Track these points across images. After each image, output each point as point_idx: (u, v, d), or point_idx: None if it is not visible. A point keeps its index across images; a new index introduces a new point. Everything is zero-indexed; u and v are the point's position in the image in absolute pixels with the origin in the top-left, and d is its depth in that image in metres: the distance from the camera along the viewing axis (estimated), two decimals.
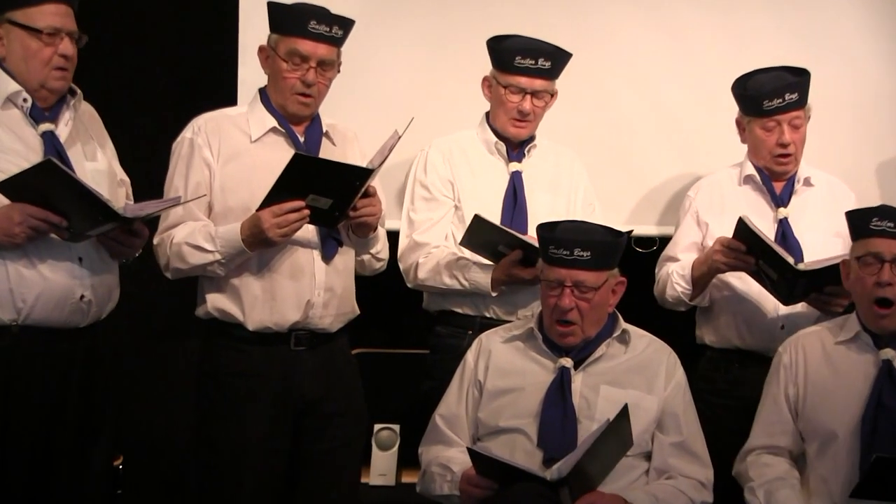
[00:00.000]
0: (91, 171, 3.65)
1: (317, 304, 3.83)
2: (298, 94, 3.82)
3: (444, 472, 3.70)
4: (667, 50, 4.80)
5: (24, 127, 3.60)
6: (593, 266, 3.68)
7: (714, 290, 4.24)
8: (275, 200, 3.66)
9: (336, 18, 3.81)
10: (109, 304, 3.74)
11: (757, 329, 4.19)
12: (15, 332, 3.55)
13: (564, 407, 3.68)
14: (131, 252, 3.72)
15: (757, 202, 4.27)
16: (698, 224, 4.29)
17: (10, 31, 3.58)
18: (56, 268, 3.57)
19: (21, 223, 3.46)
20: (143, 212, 3.62)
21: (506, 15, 4.62)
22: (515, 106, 4.15)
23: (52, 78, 3.60)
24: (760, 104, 4.17)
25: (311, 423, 3.86)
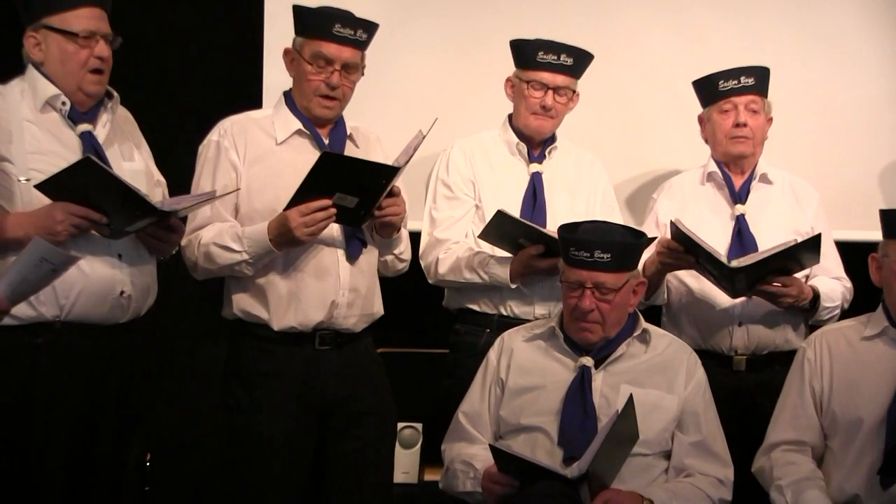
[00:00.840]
0: (129, 171, 3.71)
1: (341, 304, 3.87)
2: (322, 97, 3.85)
3: (467, 469, 3.73)
4: (686, 52, 4.84)
5: (62, 129, 3.66)
6: (614, 268, 3.71)
7: (672, 289, 4.31)
8: (302, 199, 3.70)
9: (360, 22, 3.84)
10: (148, 300, 3.79)
11: (715, 328, 4.25)
12: (58, 328, 3.61)
13: (584, 405, 3.71)
14: (169, 248, 3.77)
15: (716, 200, 4.34)
16: (657, 225, 4.36)
17: (46, 36, 3.64)
18: (97, 264, 3.63)
19: (63, 221, 3.52)
20: (179, 205, 3.68)
21: (527, 18, 4.68)
22: (538, 101, 4.19)
23: (89, 82, 3.66)
24: (716, 86, 4.27)
25: (338, 422, 3.90)
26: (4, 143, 3.60)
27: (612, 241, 3.73)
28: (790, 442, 3.80)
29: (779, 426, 3.84)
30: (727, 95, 4.27)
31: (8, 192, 3.59)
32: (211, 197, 3.78)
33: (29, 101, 3.66)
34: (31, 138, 3.62)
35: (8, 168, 3.59)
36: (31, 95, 3.66)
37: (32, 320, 3.58)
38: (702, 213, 4.30)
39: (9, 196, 3.59)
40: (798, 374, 3.86)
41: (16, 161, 3.60)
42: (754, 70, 4.28)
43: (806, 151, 4.78)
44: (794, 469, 3.75)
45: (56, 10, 3.61)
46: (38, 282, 3.34)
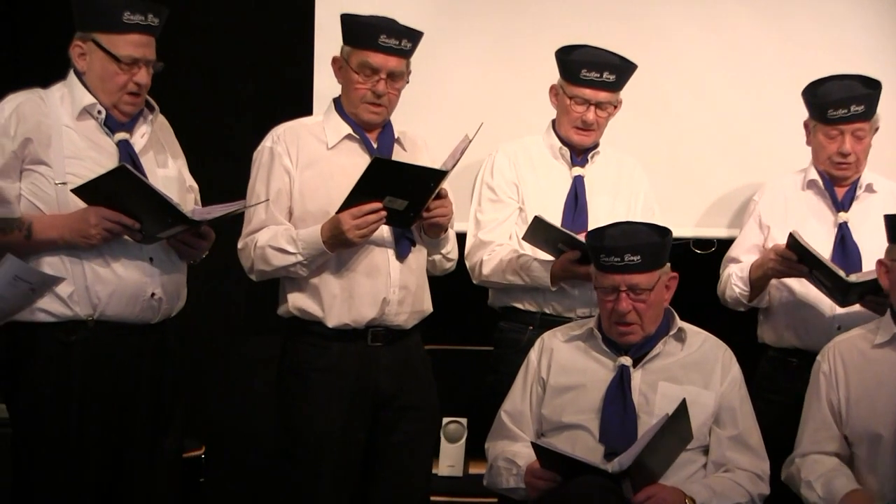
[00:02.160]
0: (162, 178, 3.77)
1: (392, 302, 3.94)
2: (369, 104, 3.93)
3: (510, 466, 3.79)
4: (726, 57, 4.88)
5: (99, 136, 3.73)
6: (645, 268, 3.75)
7: (773, 291, 4.30)
8: (354, 203, 3.78)
9: (405, 31, 3.91)
10: (179, 303, 3.85)
11: (814, 330, 4.23)
12: (91, 327, 3.68)
13: (624, 403, 3.76)
14: (198, 254, 3.83)
15: (818, 206, 4.32)
16: (760, 227, 4.36)
17: (93, 51, 3.68)
18: (129, 267, 3.70)
19: (96, 225, 3.59)
20: (209, 215, 3.74)
21: (569, 25, 4.71)
22: (579, 116, 4.25)
23: (124, 102, 3.71)
24: (825, 112, 4.21)
25: (387, 415, 3.98)
26: (43, 147, 3.65)
27: (640, 242, 3.76)
28: (813, 453, 3.83)
29: (803, 441, 3.86)
30: (835, 124, 4.22)
31: (44, 194, 3.66)
32: (241, 206, 3.85)
33: (68, 108, 3.72)
34: (69, 143, 3.69)
35: (45, 171, 3.66)
36: (70, 102, 3.72)
37: (67, 318, 3.66)
38: (804, 219, 4.27)
39: (45, 198, 3.66)
40: (815, 388, 3.87)
41: (53, 165, 3.66)
42: (866, 99, 4.20)
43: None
44: (821, 465, 3.78)
45: (106, 30, 3.66)
46: (17, 301, 3.36)
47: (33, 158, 3.66)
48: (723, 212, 4.83)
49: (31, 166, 3.67)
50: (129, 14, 3.65)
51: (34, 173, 3.67)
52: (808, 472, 3.78)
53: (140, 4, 3.67)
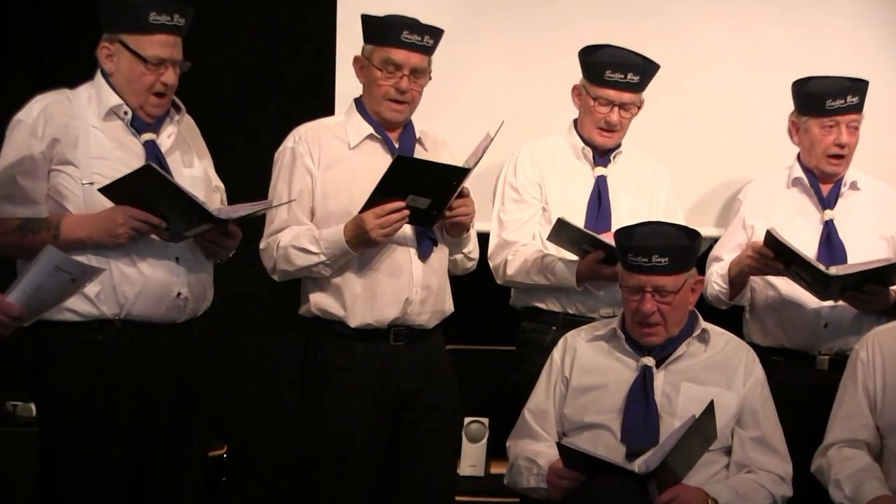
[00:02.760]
0: (188, 178, 3.78)
1: (415, 302, 3.96)
2: (392, 101, 3.94)
3: (531, 465, 3.79)
4: (747, 55, 4.87)
5: (126, 136, 3.75)
6: (671, 270, 3.75)
7: (758, 290, 4.33)
8: (377, 202, 3.80)
9: (427, 28, 3.93)
10: (205, 303, 3.87)
11: (801, 328, 4.26)
12: (118, 326, 3.70)
13: (647, 404, 3.76)
14: (225, 253, 3.84)
15: (804, 204, 4.35)
16: (744, 226, 4.38)
17: (120, 52, 3.71)
18: (155, 266, 3.72)
19: (124, 224, 3.61)
20: (235, 214, 3.75)
21: (592, 24, 4.71)
22: (603, 117, 4.25)
23: (151, 104, 3.73)
24: (823, 103, 4.23)
25: (409, 415, 3.99)
26: (70, 148, 3.68)
27: (668, 244, 3.76)
28: (846, 440, 3.82)
29: (834, 427, 3.86)
30: (832, 114, 4.25)
31: (71, 194, 3.69)
32: (267, 206, 3.87)
33: (94, 108, 3.74)
34: (95, 144, 3.71)
35: (72, 171, 3.68)
36: (97, 102, 3.74)
37: (94, 317, 3.68)
38: (789, 217, 4.30)
39: (72, 198, 3.69)
40: (852, 375, 3.88)
41: (80, 165, 3.68)
42: (859, 90, 4.25)
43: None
44: (851, 463, 3.77)
45: (133, 31, 3.68)
46: (59, 291, 3.36)
47: (60, 159, 3.68)
48: None
49: (59, 167, 3.69)
50: (156, 15, 3.68)
51: (61, 174, 3.69)
52: (839, 469, 3.77)
53: (166, 5, 3.69)
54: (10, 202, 3.67)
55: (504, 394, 4.30)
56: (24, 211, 3.66)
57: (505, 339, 4.47)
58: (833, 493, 3.75)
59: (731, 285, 4.29)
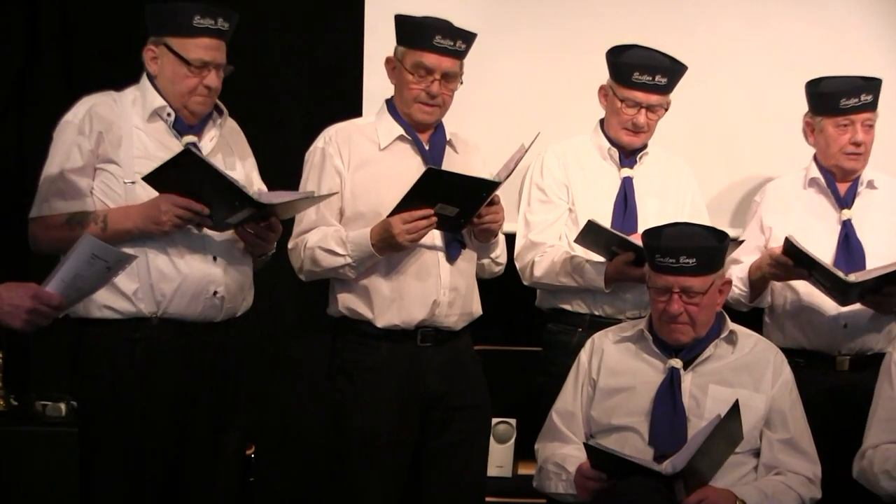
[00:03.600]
0: None
1: (442, 304, 3.96)
2: (422, 104, 3.95)
3: (559, 471, 3.79)
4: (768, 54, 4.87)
5: (168, 138, 3.78)
6: (699, 271, 3.74)
7: (777, 292, 4.32)
8: (405, 208, 3.81)
9: (460, 33, 3.93)
10: (244, 304, 3.89)
11: (821, 329, 4.25)
12: (155, 324, 3.73)
13: (675, 406, 3.76)
14: (267, 245, 3.86)
15: (821, 204, 4.34)
16: (762, 229, 4.37)
17: (164, 54, 3.75)
18: (193, 264, 3.74)
19: (167, 212, 3.65)
20: (276, 199, 3.77)
21: (620, 25, 4.71)
22: (630, 119, 4.24)
23: (194, 102, 3.77)
24: (837, 102, 4.24)
25: (437, 416, 3.99)
26: (114, 147, 3.73)
27: (696, 245, 3.75)
28: (885, 443, 3.81)
29: (872, 431, 3.84)
30: (847, 113, 4.25)
31: (113, 192, 3.73)
32: (308, 195, 3.88)
33: (139, 110, 3.79)
34: (138, 143, 3.76)
35: (115, 170, 3.73)
36: (142, 104, 3.79)
37: (131, 315, 3.72)
38: (806, 218, 4.31)
39: (114, 196, 3.73)
40: (887, 377, 3.87)
41: (123, 164, 3.73)
42: (872, 89, 4.26)
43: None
44: (893, 452, 3.75)
45: (177, 34, 3.72)
46: (95, 280, 3.37)
47: (104, 157, 3.74)
48: None
49: (103, 165, 3.74)
50: (200, 18, 3.71)
51: (105, 172, 3.74)
52: (883, 459, 3.75)
53: (210, 9, 3.73)
54: (60, 197, 3.72)
55: (532, 395, 4.30)
56: (73, 205, 3.72)
57: (533, 340, 4.47)
58: (886, 486, 3.73)
59: (751, 288, 4.29)
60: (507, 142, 3.90)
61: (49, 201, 3.73)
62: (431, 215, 3.82)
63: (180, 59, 3.73)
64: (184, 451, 3.79)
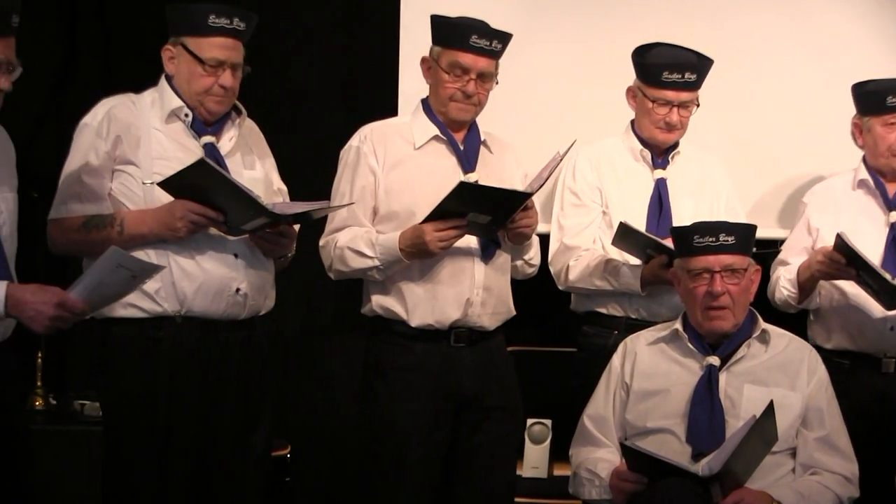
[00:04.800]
0: (248, 179, 3.79)
1: (476, 304, 3.96)
2: (458, 102, 3.96)
3: (592, 477, 3.79)
4: (809, 52, 4.85)
5: (187, 138, 3.78)
6: (738, 250, 3.78)
7: (824, 292, 4.29)
8: (437, 217, 3.82)
9: (496, 33, 3.94)
10: (266, 302, 3.88)
11: (867, 331, 4.22)
12: (178, 323, 3.72)
13: (712, 403, 3.75)
14: (281, 250, 3.86)
15: (869, 206, 4.31)
16: (809, 230, 4.34)
17: (180, 54, 3.75)
18: (214, 262, 3.74)
19: (182, 218, 3.64)
20: (290, 210, 3.77)
21: (652, 24, 4.68)
22: (662, 118, 4.24)
23: (211, 102, 3.77)
24: (884, 100, 4.22)
25: (470, 416, 3.99)
26: (132, 148, 3.72)
27: (733, 224, 3.81)
28: None
29: None
30: (894, 110, 4.22)
31: (132, 193, 3.72)
32: (324, 206, 3.88)
33: (157, 111, 3.78)
34: (157, 145, 3.75)
35: (133, 171, 3.73)
36: (160, 105, 3.79)
37: (156, 314, 3.71)
38: (855, 220, 4.28)
39: (133, 198, 3.72)
40: None
41: (142, 165, 3.72)
42: None
43: None
44: None
45: (193, 33, 3.73)
46: (119, 288, 3.41)
47: (123, 159, 3.73)
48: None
49: (121, 166, 3.74)
50: (215, 18, 3.71)
51: (123, 173, 3.74)
52: None
53: (226, 9, 3.73)
54: (78, 200, 3.72)
55: (567, 397, 4.28)
56: (90, 208, 3.71)
57: (568, 341, 4.46)
58: None
59: (800, 290, 4.27)
60: (540, 140, 3.93)
61: (67, 203, 3.73)
62: (464, 225, 3.83)
63: (195, 58, 3.73)
64: (210, 449, 3.79)
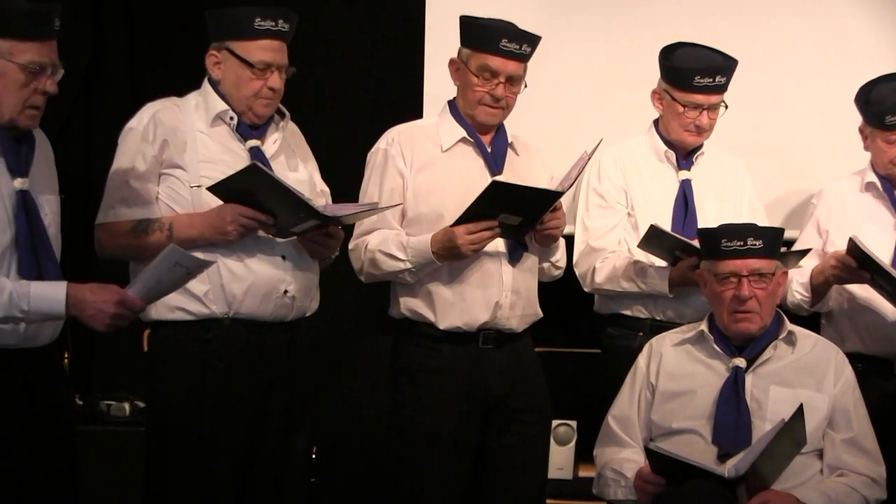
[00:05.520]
0: (293, 181, 3.78)
1: (504, 306, 3.96)
2: (486, 105, 3.96)
3: (618, 477, 3.80)
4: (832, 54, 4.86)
5: (232, 141, 3.79)
6: (766, 254, 3.78)
7: (836, 296, 4.30)
8: (468, 219, 3.82)
9: (525, 36, 3.93)
10: (312, 304, 3.90)
11: (878, 334, 4.24)
12: (227, 324, 3.74)
13: (738, 404, 3.75)
14: (328, 252, 3.87)
15: (877, 209, 4.32)
16: (818, 231, 4.36)
17: (227, 58, 3.76)
18: (262, 264, 3.75)
19: (232, 222, 3.66)
20: (341, 212, 3.78)
21: (677, 25, 4.69)
22: (692, 121, 4.24)
23: (259, 105, 3.78)
24: (882, 118, 4.22)
25: (498, 418, 3.99)
26: (178, 152, 3.74)
27: (761, 228, 3.81)
28: None
29: None
30: (893, 129, 4.23)
31: (180, 197, 3.74)
32: (373, 208, 3.89)
33: (202, 114, 3.79)
34: (203, 148, 3.76)
35: (180, 175, 3.74)
36: (204, 109, 3.80)
37: (204, 316, 3.72)
38: (863, 222, 4.29)
39: (180, 201, 3.74)
40: None
41: (188, 168, 3.74)
42: None
43: None
44: None
45: (239, 37, 3.73)
46: (173, 284, 3.45)
47: (169, 163, 3.75)
48: None
49: (168, 170, 3.75)
50: (260, 20, 3.72)
51: (170, 177, 3.75)
52: None
53: (270, 11, 3.74)
54: (125, 205, 3.73)
55: (592, 399, 4.30)
56: (138, 213, 3.72)
57: (593, 342, 4.47)
58: None
59: (813, 293, 4.28)
60: (565, 142, 3.94)
61: (114, 208, 3.75)
62: (495, 226, 3.83)
63: (243, 62, 3.74)
64: (256, 450, 3.79)
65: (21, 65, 3.31)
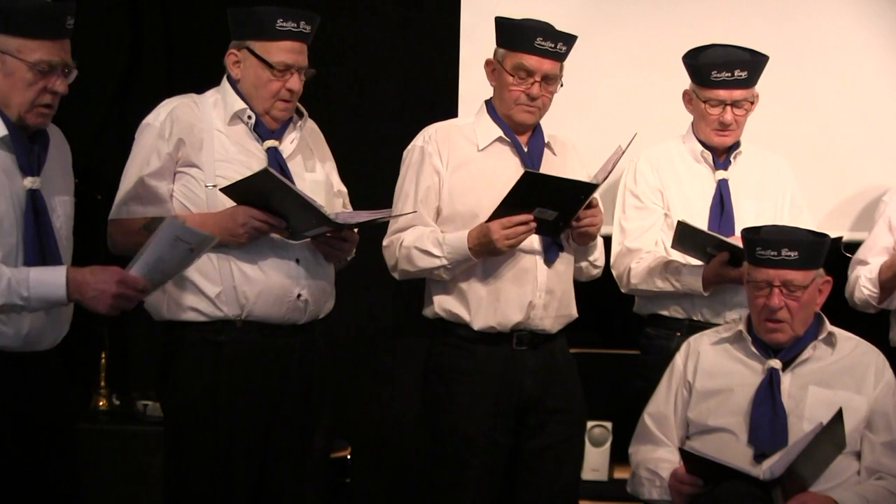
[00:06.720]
0: (309, 181, 3.81)
1: (538, 306, 3.95)
2: (523, 105, 3.95)
3: (653, 477, 3.79)
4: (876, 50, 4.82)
5: (249, 141, 3.78)
6: (801, 265, 3.72)
7: None
8: (504, 213, 3.81)
9: (561, 35, 3.93)
10: (326, 306, 3.89)
11: None
12: (239, 327, 3.73)
13: (774, 405, 3.73)
14: (342, 255, 3.87)
15: None
16: (890, 229, 4.33)
17: (247, 58, 3.75)
18: (275, 268, 3.74)
19: (244, 224, 3.65)
20: (353, 220, 3.77)
21: (714, 25, 4.69)
22: (716, 118, 4.22)
23: (277, 108, 3.77)
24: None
25: (532, 419, 3.99)
26: (195, 151, 3.73)
27: (798, 238, 3.75)
28: None
29: None
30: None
31: (195, 196, 3.73)
32: (387, 214, 3.88)
33: (220, 113, 3.78)
34: (219, 147, 3.75)
35: (196, 174, 3.73)
36: (223, 107, 3.79)
37: (216, 318, 3.72)
38: None
39: (195, 200, 3.73)
40: None
41: (204, 168, 3.73)
42: None
43: None
44: None
45: (260, 38, 3.72)
46: (177, 262, 3.39)
47: (185, 161, 3.74)
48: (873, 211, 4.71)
49: (183, 168, 3.75)
50: (282, 22, 3.71)
51: (186, 175, 3.75)
52: None
53: (293, 13, 3.73)
54: (139, 202, 3.73)
55: (628, 398, 4.28)
56: (151, 210, 3.71)
57: (629, 343, 4.47)
58: None
59: (882, 289, 4.25)
60: (602, 142, 3.90)
61: (128, 204, 3.74)
62: (531, 221, 3.82)
63: (263, 62, 3.73)
64: (271, 452, 3.80)
65: (30, 63, 3.30)
